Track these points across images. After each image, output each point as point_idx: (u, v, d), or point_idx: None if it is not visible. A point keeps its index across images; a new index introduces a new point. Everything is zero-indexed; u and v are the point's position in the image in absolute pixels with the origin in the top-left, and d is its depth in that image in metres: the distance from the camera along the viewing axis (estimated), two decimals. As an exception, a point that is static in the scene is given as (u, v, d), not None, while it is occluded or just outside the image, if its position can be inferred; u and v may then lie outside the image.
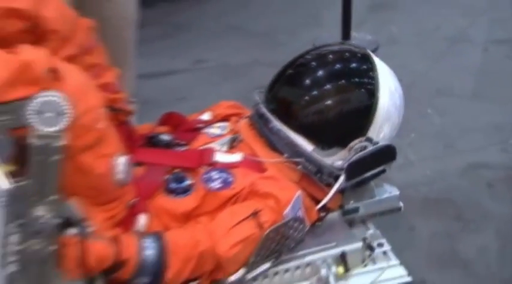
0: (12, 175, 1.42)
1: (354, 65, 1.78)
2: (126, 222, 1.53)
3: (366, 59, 1.76)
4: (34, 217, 1.36)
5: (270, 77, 1.83)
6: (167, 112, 1.92)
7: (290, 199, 1.57)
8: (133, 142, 1.73)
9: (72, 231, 1.40)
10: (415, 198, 2.45)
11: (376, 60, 1.77)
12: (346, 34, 3.73)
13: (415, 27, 3.98)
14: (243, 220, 1.52)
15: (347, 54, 1.81)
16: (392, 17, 4.13)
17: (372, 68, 1.74)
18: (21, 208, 1.37)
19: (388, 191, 1.82)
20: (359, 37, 3.76)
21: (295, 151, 1.67)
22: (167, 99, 3.10)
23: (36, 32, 1.49)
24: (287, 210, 1.56)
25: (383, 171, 1.75)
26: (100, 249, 1.42)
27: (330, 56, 1.80)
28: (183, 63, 3.70)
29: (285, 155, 1.68)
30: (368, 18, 4.02)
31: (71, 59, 1.51)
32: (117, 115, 1.71)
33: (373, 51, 1.86)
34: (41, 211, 1.37)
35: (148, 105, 2.34)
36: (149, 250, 1.46)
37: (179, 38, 3.99)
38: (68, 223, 1.40)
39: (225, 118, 1.90)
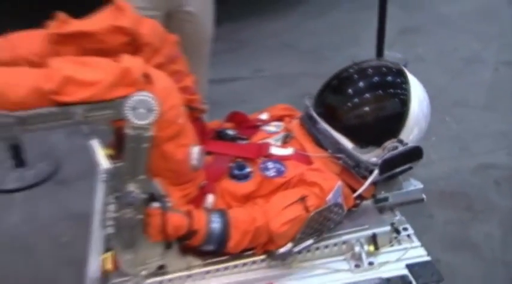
0: (111, 157, 1.46)
1: (390, 78, 1.75)
2: (197, 200, 1.55)
3: (401, 73, 1.73)
4: (127, 191, 1.39)
5: (315, 86, 1.81)
6: (232, 111, 1.91)
7: (332, 188, 1.55)
8: (205, 135, 1.74)
9: (155, 204, 1.43)
10: (434, 191, 2.43)
11: (409, 75, 1.73)
12: (379, 52, 3.67)
13: (437, 49, 3.91)
14: (293, 203, 1.51)
15: (384, 68, 1.78)
16: (418, 39, 4.07)
17: (405, 80, 1.70)
18: (117, 184, 1.41)
19: (413, 184, 1.78)
20: (390, 55, 3.69)
21: (338, 148, 1.65)
22: (232, 101, 3.10)
23: (134, 45, 1.52)
24: (329, 197, 1.54)
25: (410, 168, 1.72)
26: (177, 220, 1.44)
27: (370, 70, 1.77)
28: (245, 72, 3.72)
29: (329, 151, 1.67)
30: (398, 40, 3.95)
31: (159, 67, 1.53)
32: (193, 112, 1.71)
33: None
34: (132, 187, 1.39)
35: (217, 105, 2.34)
36: (215, 223, 1.48)
37: (242, 52, 3.99)
38: (152, 198, 1.43)
39: (279, 118, 1.88)
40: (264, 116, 1.90)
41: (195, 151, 1.48)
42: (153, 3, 1.97)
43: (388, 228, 1.67)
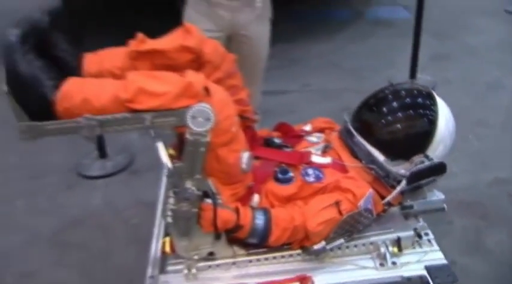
0: (173, 157, 1.44)
1: (420, 99, 1.65)
2: (244, 198, 1.50)
3: (430, 96, 1.63)
4: (184, 188, 1.37)
5: (355, 101, 1.74)
6: (280, 122, 1.85)
7: (364, 194, 1.48)
8: (255, 142, 1.69)
9: (208, 201, 1.40)
10: (454, 200, 2.28)
11: (437, 97, 1.63)
12: (413, 75, 3.56)
13: (463, 74, 3.73)
14: (328, 206, 1.45)
15: (415, 91, 1.68)
16: (447, 65, 3.90)
17: (433, 102, 1.61)
18: (176, 180, 1.38)
19: (436, 195, 1.67)
20: (422, 78, 3.57)
21: (370, 160, 1.57)
22: (281, 111, 3.05)
23: (198, 62, 1.50)
24: (361, 203, 1.47)
25: (434, 180, 1.62)
26: (226, 215, 1.40)
27: (403, 92, 1.68)
28: (294, 86, 3.63)
29: (363, 162, 1.58)
30: (429, 64, 3.80)
31: (218, 81, 1.49)
32: (246, 122, 1.67)
33: (432, 89, 1.75)
34: (189, 185, 1.37)
35: (268, 114, 2.31)
36: (259, 220, 1.43)
37: (292, 69, 3.91)
38: (205, 194, 1.40)
39: (321, 130, 1.81)
40: (307, 127, 1.83)
41: (245, 156, 1.43)
42: (217, 27, 1.95)
43: (411, 233, 1.59)
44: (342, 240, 1.49)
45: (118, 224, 2.37)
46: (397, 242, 1.55)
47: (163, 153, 1.37)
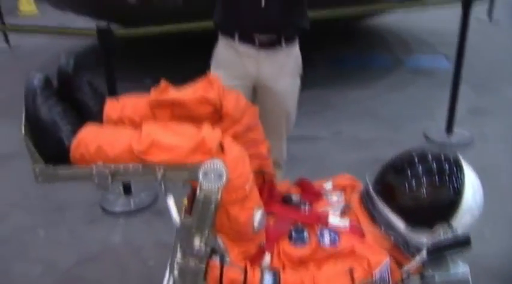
0: (185, 209, 1.41)
1: (447, 166, 1.57)
2: (256, 257, 1.45)
3: (457, 163, 1.56)
4: (192, 243, 1.34)
5: (386, 153, 1.67)
6: (300, 177, 1.80)
7: (380, 262, 1.41)
8: (272, 197, 1.65)
9: (215, 258, 1.36)
10: (483, 265, 2.16)
11: (464, 164, 1.55)
12: (449, 128, 3.47)
13: (501, 130, 3.60)
14: (341, 273, 1.39)
15: (442, 157, 1.60)
16: (485, 120, 3.78)
17: (460, 170, 1.53)
18: (185, 235, 1.35)
19: (460, 266, 1.57)
20: (459, 132, 3.47)
21: (390, 226, 1.50)
22: (309, 159, 3.01)
23: (217, 114, 1.49)
24: (376, 271, 1.39)
25: (459, 251, 1.53)
26: (233, 275, 1.36)
27: (429, 157, 1.61)
28: (325, 132, 3.59)
29: (382, 227, 1.52)
30: (467, 118, 3.69)
31: (237, 135, 1.48)
32: (264, 175, 1.64)
33: (468, 145, 1.67)
34: (197, 241, 1.34)
35: (295, 161, 2.28)
36: (267, 282, 1.38)
37: (325, 114, 3.88)
38: (213, 251, 1.36)
39: (342, 188, 1.75)
40: (328, 185, 1.77)
41: (258, 214, 1.39)
42: (243, 76, 1.93)
43: (431, 305, 1.49)
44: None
45: (135, 264, 2.35)
46: (415, 316, 1.47)
47: (173, 208, 1.36)
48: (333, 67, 4.95)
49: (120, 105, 1.49)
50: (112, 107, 1.48)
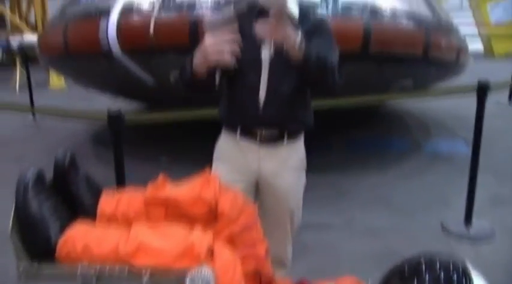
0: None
1: (455, 276, 1.48)
2: None
3: (466, 274, 1.47)
4: None
5: (400, 245, 1.61)
6: (302, 278, 1.73)
7: None
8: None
9: None
10: None
11: (474, 275, 1.47)
12: (468, 219, 3.33)
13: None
14: None
15: (451, 265, 1.52)
16: (507, 210, 3.62)
17: (469, 281, 1.44)
18: None
19: None
20: (478, 224, 3.32)
21: None
22: (319, 248, 2.91)
23: (212, 213, 1.45)
24: None
25: None
26: None
27: (438, 264, 1.52)
28: (337, 220, 3.47)
29: None
30: (487, 208, 3.57)
31: (232, 235, 1.44)
32: (262, 276, 1.57)
33: (488, 239, 1.56)
34: None
35: (305, 251, 2.19)
36: None
37: (338, 201, 3.79)
38: None
39: (345, 292, 1.67)
40: (330, 287, 1.69)
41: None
42: (244, 170, 1.87)
43: None
44: None
45: None
46: None
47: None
48: (349, 150, 4.92)
49: (115, 200, 1.48)
50: (107, 202, 1.48)
